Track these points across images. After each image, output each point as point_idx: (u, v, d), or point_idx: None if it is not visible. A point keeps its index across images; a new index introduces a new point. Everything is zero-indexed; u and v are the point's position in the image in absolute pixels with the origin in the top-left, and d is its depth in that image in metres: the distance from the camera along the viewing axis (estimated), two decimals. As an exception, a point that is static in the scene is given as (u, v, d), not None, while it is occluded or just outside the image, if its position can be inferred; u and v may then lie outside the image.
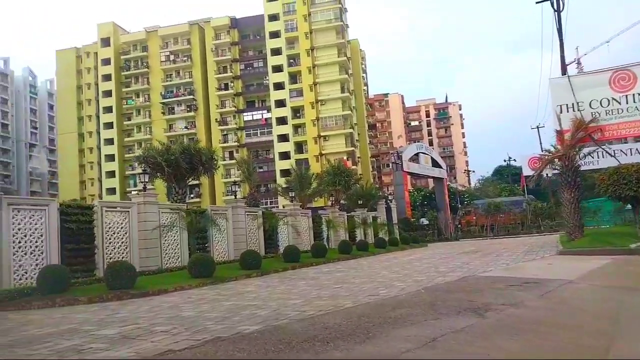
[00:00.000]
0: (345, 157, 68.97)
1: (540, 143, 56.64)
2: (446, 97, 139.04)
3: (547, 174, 30.28)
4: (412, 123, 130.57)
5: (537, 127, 57.01)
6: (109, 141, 79.50)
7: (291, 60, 75.76)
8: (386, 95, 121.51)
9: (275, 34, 76.14)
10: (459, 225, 50.90)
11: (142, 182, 17.86)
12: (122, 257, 16.09)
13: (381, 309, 8.13)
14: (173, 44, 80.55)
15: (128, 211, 16.75)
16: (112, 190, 76.28)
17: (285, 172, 69.97)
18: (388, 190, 77.61)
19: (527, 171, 54.77)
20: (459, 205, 61.84)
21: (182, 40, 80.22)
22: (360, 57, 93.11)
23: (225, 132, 77.84)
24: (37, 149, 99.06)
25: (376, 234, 35.21)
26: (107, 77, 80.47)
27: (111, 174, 78.59)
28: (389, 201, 43.38)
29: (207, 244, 20.24)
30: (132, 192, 75.46)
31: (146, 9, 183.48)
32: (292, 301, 9.78)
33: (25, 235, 13.49)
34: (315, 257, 22.38)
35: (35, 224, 13.75)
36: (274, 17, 76.39)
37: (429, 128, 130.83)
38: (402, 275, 13.92)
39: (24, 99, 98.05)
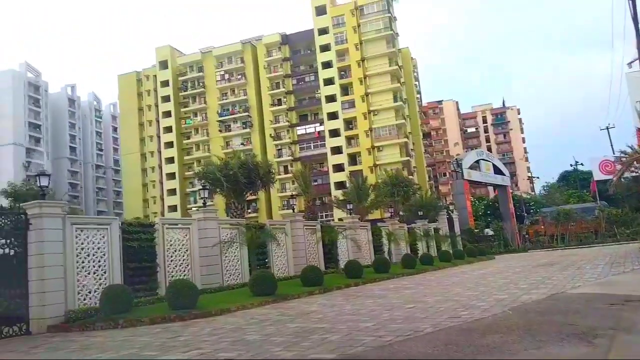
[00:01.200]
0: (400, 167, 67.54)
1: (612, 144, 52.95)
2: (503, 101, 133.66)
3: (619, 178, 27.80)
4: (469, 130, 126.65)
5: (607, 128, 53.40)
6: (170, 160, 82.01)
7: (342, 72, 75.58)
8: (440, 102, 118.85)
9: (325, 47, 76.34)
10: (527, 236, 48.13)
11: (201, 198, 17.68)
12: (184, 275, 15.83)
13: (469, 335, 7.13)
14: (227, 63, 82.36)
15: (189, 228, 16.53)
16: (173, 208, 78.38)
17: (339, 185, 69.38)
18: (446, 201, 75.26)
19: (598, 175, 51.25)
20: (525, 214, 58.70)
21: (235, 59, 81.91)
22: (412, 65, 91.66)
23: (279, 147, 78.39)
24: (103, 170, 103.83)
25: (439, 247, 33.69)
26: (166, 99, 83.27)
27: (172, 192, 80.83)
28: (450, 211, 41.60)
29: (267, 260, 19.77)
30: (192, 209, 77.72)
31: (201, 31, 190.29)
32: (363, 324, 8.94)
33: (88, 255, 13.44)
34: (378, 272, 21.41)
35: (98, 243, 13.69)
36: (323, 31, 76.68)
37: (487, 134, 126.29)
38: (479, 292, 12.73)
39: (90, 123, 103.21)
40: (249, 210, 66.08)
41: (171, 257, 15.77)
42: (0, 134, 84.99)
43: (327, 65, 75.95)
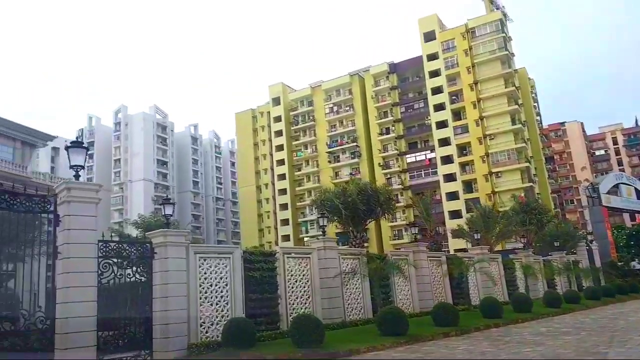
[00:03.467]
0: (522, 194, 62.24)
1: None
2: (636, 120, 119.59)
3: None
4: (597, 152, 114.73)
5: None
6: (282, 191, 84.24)
7: (453, 97, 72.70)
8: (562, 124, 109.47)
9: (434, 73, 74.25)
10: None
11: (321, 227, 16.74)
12: (305, 308, 14.84)
13: None
14: (335, 96, 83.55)
15: (309, 257, 15.62)
16: (286, 237, 79.86)
17: (453, 214, 65.66)
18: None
19: None
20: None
21: (343, 91, 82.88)
22: (529, 86, 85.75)
23: (389, 176, 76.71)
24: (222, 202, 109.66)
25: (579, 282, 29.47)
26: (278, 133, 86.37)
27: (285, 222, 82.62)
28: (588, 242, 36.70)
29: (390, 293, 18.17)
30: (305, 238, 78.52)
31: (311, 67, 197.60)
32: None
33: (211, 285, 12.98)
34: (518, 311, 18.72)
35: (221, 273, 13.21)
36: (432, 57, 74.85)
37: (619, 157, 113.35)
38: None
39: (211, 159, 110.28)
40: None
41: (292, 288, 14.89)
42: (133, 170, 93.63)
43: (437, 90, 73.66)
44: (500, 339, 12.79)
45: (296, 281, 15.09)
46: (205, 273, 12.94)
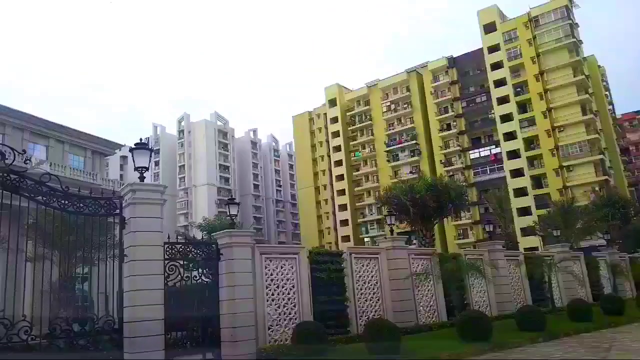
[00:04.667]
0: (597, 188, 58.22)
1: None
2: None
3: None
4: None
5: None
6: (341, 192, 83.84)
7: (518, 89, 69.42)
8: (638, 112, 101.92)
9: (497, 65, 71.28)
10: None
11: (389, 225, 15.88)
12: (375, 311, 14.09)
13: None
14: (393, 94, 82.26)
15: (377, 257, 14.83)
16: (346, 238, 79.28)
17: (522, 211, 62.42)
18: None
19: None
20: None
21: (401, 89, 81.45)
22: (600, 74, 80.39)
23: (451, 173, 74.01)
24: (282, 204, 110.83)
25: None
26: (335, 134, 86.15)
27: (344, 223, 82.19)
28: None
29: (465, 296, 17.01)
30: (365, 238, 77.63)
31: (365, 67, 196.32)
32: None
33: (277, 287, 12.51)
34: (609, 314, 17.01)
35: (287, 274, 12.72)
36: (494, 49, 71.93)
37: None
38: None
39: (270, 162, 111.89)
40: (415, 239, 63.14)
41: (360, 289, 14.18)
42: (197, 176, 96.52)
43: (500, 83, 70.63)
44: (597, 345, 11.44)
45: (364, 282, 14.36)
46: (271, 274, 12.50)
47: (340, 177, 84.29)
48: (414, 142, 78.37)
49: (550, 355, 10.33)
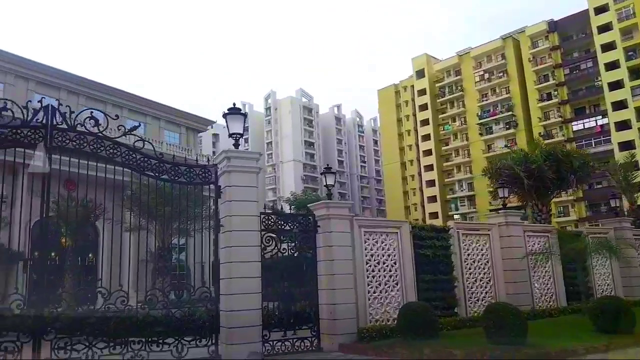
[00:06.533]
0: None
1: None
2: None
3: None
4: None
5: None
6: (429, 167, 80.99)
7: (630, 53, 62.09)
8: None
9: (605, 27, 64.18)
10: None
11: (501, 198, 14.14)
12: (485, 293, 12.72)
13: None
14: (486, 62, 77.31)
15: (488, 234, 13.29)
16: (433, 215, 76.68)
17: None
18: None
19: None
20: None
21: (495, 56, 76.32)
22: None
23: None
24: (367, 180, 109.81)
25: None
26: (423, 107, 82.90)
27: (432, 199, 79.58)
28: None
29: (587, 279, 14.99)
30: (455, 215, 74.62)
31: (454, 37, 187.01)
32: None
33: (378, 263, 11.50)
34: None
35: (388, 250, 11.66)
36: (601, 9, 64.79)
37: None
38: None
39: (354, 138, 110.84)
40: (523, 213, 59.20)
41: (469, 269, 12.79)
42: (283, 152, 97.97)
43: (608, 47, 63.64)
44: None
45: (474, 261, 12.93)
46: (371, 249, 11.51)
47: (428, 152, 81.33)
48: (510, 113, 73.42)
49: None
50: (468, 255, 12.82)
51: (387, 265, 11.58)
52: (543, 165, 16.82)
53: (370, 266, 11.39)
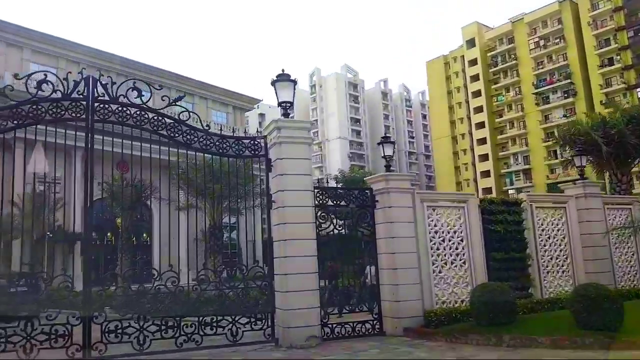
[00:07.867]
0: None
1: None
2: None
3: None
4: None
5: None
6: (481, 141, 77.94)
7: (701, 10, 56.58)
8: None
9: (675, -18, 58.59)
10: None
11: (578, 167, 12.64)
12: (562, 272, 11.51)
13: None
14: (542, 28, 72.76)
15: (564, 208, 11.99)
16: (487, 190, 73.91)
17: None
18: None
19: None
20: None
21: (551, 21, 71.66)
22: None
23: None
24: (415, 156, 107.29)
25: None
26: (474, 78, 79.43)
27: (485, 174, 76.71)
28: None
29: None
30: (510, 190, 71.73)
31: (510, 1, 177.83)
32: None
33: (443, 240, 10.53)
34: None
35: (454, 226, 10.67)
36: (670, -38, 59.05)
37: None
38: None
39: (401, 112, 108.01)
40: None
41: (544, 246, 11.59)
42: (329, 129, 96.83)
43: (682, 4, 58.22)
44: None
45: (549, 237, 11.72)
46: (435, 225, 10.54)
47: (480, 125, 78.08)
48: (568, 81, 69.02)
49: None
50: (542, 230, 11.61)
51: (453, 243, 10.59)
52: (625, 129, 15.09)
53: (434, 244, 10.45)
